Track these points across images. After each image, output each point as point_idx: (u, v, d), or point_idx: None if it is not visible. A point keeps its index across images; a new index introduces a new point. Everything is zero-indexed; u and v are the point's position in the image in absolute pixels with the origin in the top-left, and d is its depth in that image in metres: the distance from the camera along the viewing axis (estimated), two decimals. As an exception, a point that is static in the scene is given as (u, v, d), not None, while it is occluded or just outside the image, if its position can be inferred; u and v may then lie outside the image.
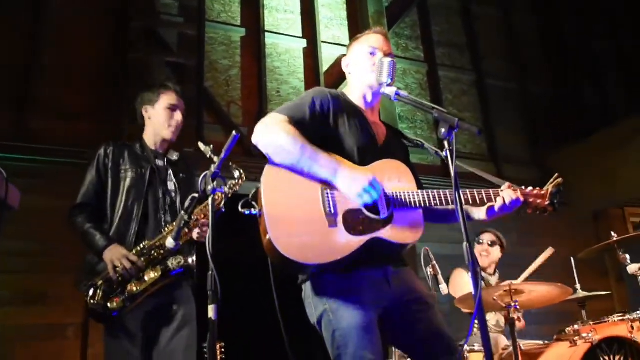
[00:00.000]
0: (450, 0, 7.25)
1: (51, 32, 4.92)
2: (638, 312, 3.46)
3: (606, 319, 3.61)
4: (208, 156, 2.19)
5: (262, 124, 2.08)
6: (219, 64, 5.60)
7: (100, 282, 2.66)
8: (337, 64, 6.04)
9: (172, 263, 2.68)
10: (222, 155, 2.14)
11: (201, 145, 2.20)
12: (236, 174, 2.22)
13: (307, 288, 2.10)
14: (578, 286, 3.76)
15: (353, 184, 1.96)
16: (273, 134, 2.03)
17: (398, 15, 6.68)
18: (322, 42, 6.11)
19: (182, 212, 2.25)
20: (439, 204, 2.10)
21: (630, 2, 7.73)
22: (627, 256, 3.64)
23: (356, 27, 6.29)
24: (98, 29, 5.14)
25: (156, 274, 2.65)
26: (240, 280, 4.07)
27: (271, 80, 5.77)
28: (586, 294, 3.77)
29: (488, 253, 4.21)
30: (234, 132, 2.08)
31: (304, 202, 1.98)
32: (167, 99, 2.96)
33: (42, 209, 3.91)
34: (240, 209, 1.99)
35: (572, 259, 4.00)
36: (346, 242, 1.95)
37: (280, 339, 2.10)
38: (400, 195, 2.07)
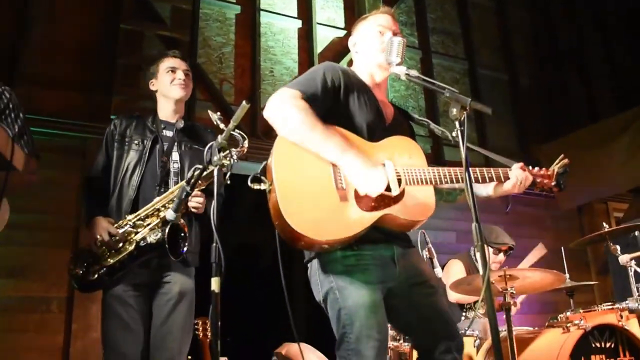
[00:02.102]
0: (445, -12, 7.21)
1: (41, 1, 4.75)
2: (627, 302, 3.51)
3: (595, 308, 3.66)
4: (215, 123, 2.13)
5: (274, 99, 2.03)
6: (213, 41, 5.48)
7: (82, 253, 2.68)
8: (332, 45, 5.96)
9: (151, 237, 2.59)
10: (230, 125, 2.09)
11: (210, 113, 2.15)
12: (238, 137, 2.13)
13: (313, 266, 2.07)
14: (567, 275, 3.80)
15: (359, 177, 1.91)
16: (284, 110, 1.99)
17: (394, 1, 6.62)
18: (318, 23, 5.99)
19: (184, 184, 2.19)
20: (449, 182, 2.09)
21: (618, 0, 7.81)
22: (618, 247, 3.69)
23: (352, 10, 6.19)
24: (89, -1, 5.00)
25: (130, 247, 2.59)
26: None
27: (265, 59, 5.67)
28: (575, 283, 3.83)
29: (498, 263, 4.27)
30: (244, 102, 2.02)
31: (316, 176, 1.94)
32: (164, 64, 2.97)
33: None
34: (249, 183, 1.94)
35: (562, 249, 4.05)
36: (359, 217, 1.91)
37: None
38: (411, 172, 2.05)
